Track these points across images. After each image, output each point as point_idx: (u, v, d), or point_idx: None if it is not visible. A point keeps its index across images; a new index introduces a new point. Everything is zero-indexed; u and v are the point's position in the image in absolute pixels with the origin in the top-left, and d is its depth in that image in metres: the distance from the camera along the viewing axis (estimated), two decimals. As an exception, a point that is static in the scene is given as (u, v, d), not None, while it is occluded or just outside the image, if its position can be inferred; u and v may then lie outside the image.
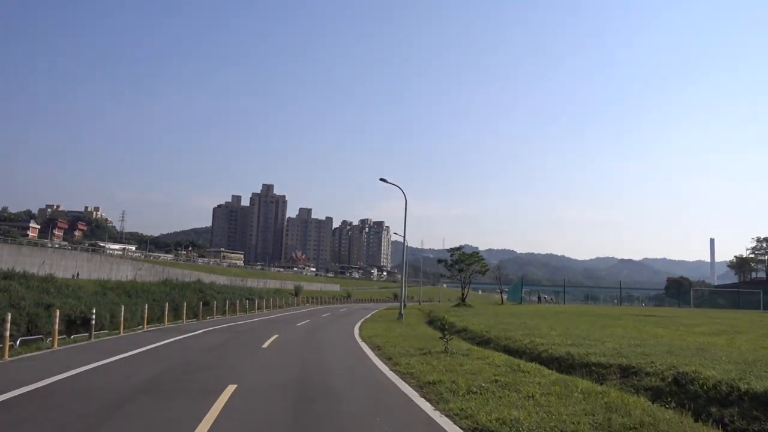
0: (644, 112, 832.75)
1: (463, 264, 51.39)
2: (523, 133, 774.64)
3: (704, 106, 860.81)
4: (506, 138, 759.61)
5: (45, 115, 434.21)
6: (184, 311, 31.06)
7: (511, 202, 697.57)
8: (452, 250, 53.23)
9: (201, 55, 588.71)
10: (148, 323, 26.46)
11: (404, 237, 31.03)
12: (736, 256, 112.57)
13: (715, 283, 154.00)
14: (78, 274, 53.18)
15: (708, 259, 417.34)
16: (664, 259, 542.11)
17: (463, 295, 50.29)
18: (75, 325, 30.24)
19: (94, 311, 21.99)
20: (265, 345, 16.45)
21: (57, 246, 78.21)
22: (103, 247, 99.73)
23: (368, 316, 38.10)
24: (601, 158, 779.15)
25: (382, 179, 30.19)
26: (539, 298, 68.02)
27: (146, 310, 26.51)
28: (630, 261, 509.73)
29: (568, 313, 31.30)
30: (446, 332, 12.70)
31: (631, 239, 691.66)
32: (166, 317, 27.75)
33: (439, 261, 57.24)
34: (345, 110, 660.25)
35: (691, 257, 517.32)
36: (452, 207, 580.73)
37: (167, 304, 28.85)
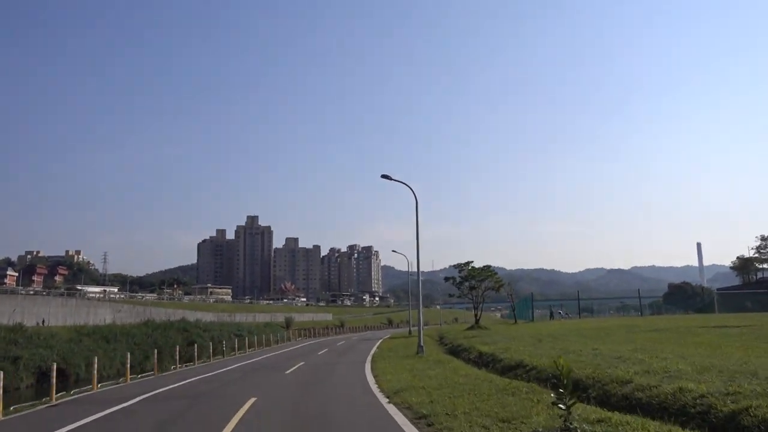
0: (625, 119, 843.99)
1: (474, 280, 46.31)
2: (501, 148, 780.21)
3: (685, 110, 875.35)
4: (484, 153, 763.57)
5: (20, 161, 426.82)
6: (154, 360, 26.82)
7: (496, 218, 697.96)
8: (460, 266, 47.91)
9: (178, 90, 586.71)
10: (123, 372, 23.21)
11: (417, 246, 25.30)
12: (738, 257, 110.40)
13: (704, 287, 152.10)
14: (44, 321, 49.17)
15: (695, 264, 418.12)
16: (653, 266, 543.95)
17: (476, 316, 45.69)
18: (47, 377, 28.55)
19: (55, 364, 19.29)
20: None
21: (32, 292, 74.23)
22: (80, 290, 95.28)
23: (375, 350, 32.38)
24: (580, 168, 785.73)
25: (385, 176, 25.45)
26: (551, 314, 64.30)
27: (127, 357, 23.53)
28: (619, 270, 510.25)
29: (608, 329, 26.77)
30: (565, 393, 6.16)
31: (619, 249, 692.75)
32: (127, 372, 22.16)
33: (447, 279, 51.74)
34: (327, 137, 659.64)
35: (678, 263, 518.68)
36: (437, 227, 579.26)
37: (128, 354, 23.98)
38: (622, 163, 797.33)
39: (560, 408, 6.08)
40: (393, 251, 73.83)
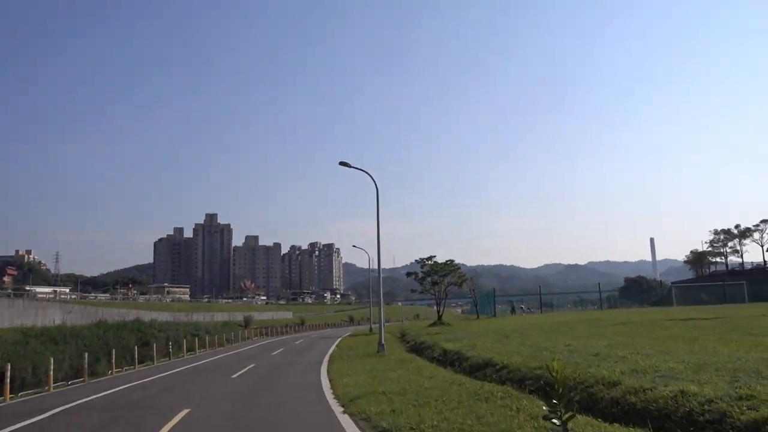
0: (584, 120, 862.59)
1: (436, 275, 44.81)
2: (462, 146, 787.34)
3: (639, 110, 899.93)
4: (445, 151, 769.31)
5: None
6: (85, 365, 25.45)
7: (455, 215, 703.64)
8: (423, 261, 46.41)
9: (138, 86, 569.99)
10: (76, 375, 22.99)
11: (378, 235, 23.76)
12: (692, 251, 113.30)
13: (659, 281, 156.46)
14: (-15, 324, 46.39)
15: (649, 259, 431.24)
16: (608, 261, 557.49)
17: (439, 312, 44.68)
18: None
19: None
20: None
21: (-26, 293, 70.42)
22: (29, 290, 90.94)
23: (333, 349, 30.48)
24: (539, 166, 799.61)
25: (343, 163, 23.93)
26: (513, 309, 63.95)
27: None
28: (576, 266, 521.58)
29: (572, 324, 25.87)
30: (560, 405, 4.89)
31: (576, 245, 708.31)
32: (50, 379, 20.39)
33: (408, 274, 50.29)
34: (287, 132, 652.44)
35: (632, 258, 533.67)
36: (397, 224, 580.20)
37: (51, 360, 22.23)
38: (579, 162, 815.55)
39: (554, 423, 4.82)
40: (354, 246, 72.98)
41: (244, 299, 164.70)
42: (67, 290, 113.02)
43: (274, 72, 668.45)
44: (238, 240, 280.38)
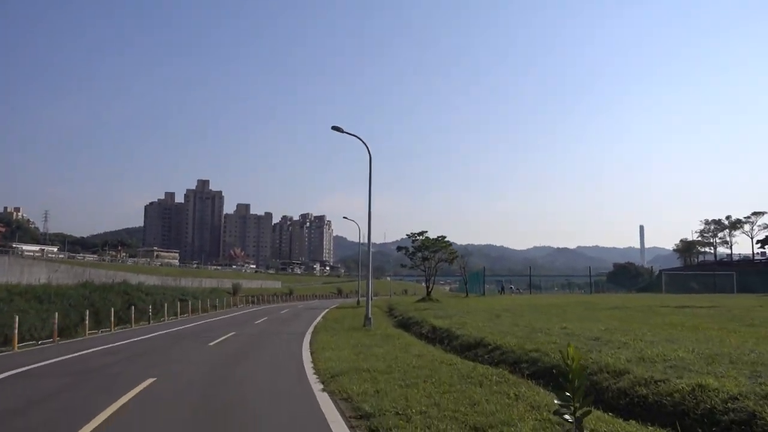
0: (581, 107, 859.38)
1: (427, 251, 44.17)
2: (457, 125, 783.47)
3: (630, 96, 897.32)
4: (440, 130, 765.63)
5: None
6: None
7: (447, 193, 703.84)
8: (414, 236, 45.32)
9: (133, 48, 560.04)
10: (60, 333, 21.91)
11: (369, 203, 22.47)
12: (681, 240, 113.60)
13: (646, 267, 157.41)
14: (-32, 279, 45.64)
15: (637, 246, 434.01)
16: (597, 246, 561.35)
17: (428, 288, 44.07)
18: None
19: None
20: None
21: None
22: (15, 248, 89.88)
23: (318, 320, 29.31)
24: (532, 149, 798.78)
25: (335, 128, 22.77)
26: (502, 289, 63.64)
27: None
28: (566, 249, 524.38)
29: (564, 306, 25.16)
30: (575, 398, 3.92)
31: (566, 229, 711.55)
32: (15, 339, 18.84)
33: (399, 248, 48.82)
34: (283, 102, 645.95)
35: (621, 244, 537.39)
36: (389, 199, 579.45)
37: (16, 318, 20.41)
38: (574, 147, 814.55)
39: (565, 419, 4.10)
40: (344, 218, 72.13)
41: (234, 267, 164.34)
42: (55, 249, 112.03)
43: (273, 37, 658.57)
44: (229, 207, 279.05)
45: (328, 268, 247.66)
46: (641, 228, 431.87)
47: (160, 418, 7.64)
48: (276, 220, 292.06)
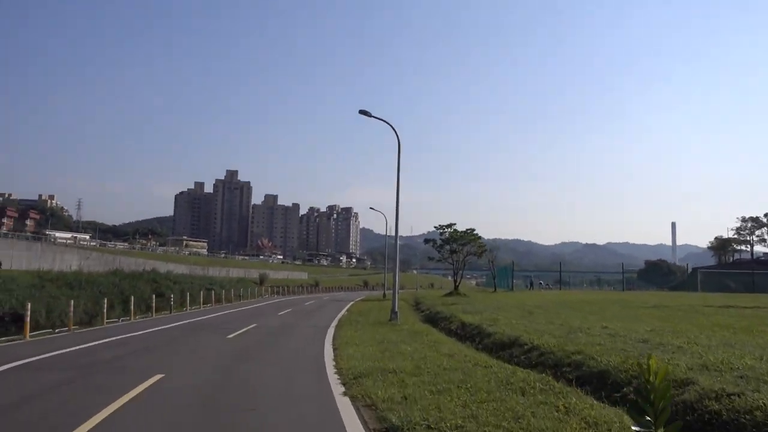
0: (611, 97, 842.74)
1: (456, 244, 42.60)
2: (485, 119, 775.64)
3: (665, 90, 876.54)
4: (468, 122, 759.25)
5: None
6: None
7: (474, 186, 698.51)
8: (442, 228, 43.95)
9: (162, 38, 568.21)
10: (87, 321, 21.98)
11: (397, 194, 22.09)
12: (716, 238, 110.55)
13: (679, 265, 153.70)
14: (0, 264, 46.39)
15: (668, 243, 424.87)
16: (627, 243, 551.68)
17: (456, 281, 43.06)
18: (3, 322, 27.19)
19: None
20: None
21: (-3, 234, 70.99)
22: (48, 235, 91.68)
23: (343, 313, 28.32)
24: (562, 141, 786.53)
25: (363, 112, 21.90)
26: (531, 284, 62.24)
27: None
28: (594, 245, 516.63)
29: (598, 303, 23.96)
30: (658, 423, 2.61)
31: (595, 224, 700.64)
32: (26, 327, 18.69)
33: (427, 241, 47.27)
34: (310, 94, 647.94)
35: (651, 241, 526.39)
36: (416, 192, 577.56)
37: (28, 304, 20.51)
38: (605, 141, 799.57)
39: None
40: (371, 209, 71.45)
41: (261, 257, 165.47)
42: (87, 237, 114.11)
43: (300, 27, 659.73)
44: (257, 198, 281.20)
45: (354, 260, 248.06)
46: (673, 225, 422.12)
47: (158, 423, 6.86)
48: (303, 211, 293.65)
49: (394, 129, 21.85)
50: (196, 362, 12.04)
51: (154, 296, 32.98)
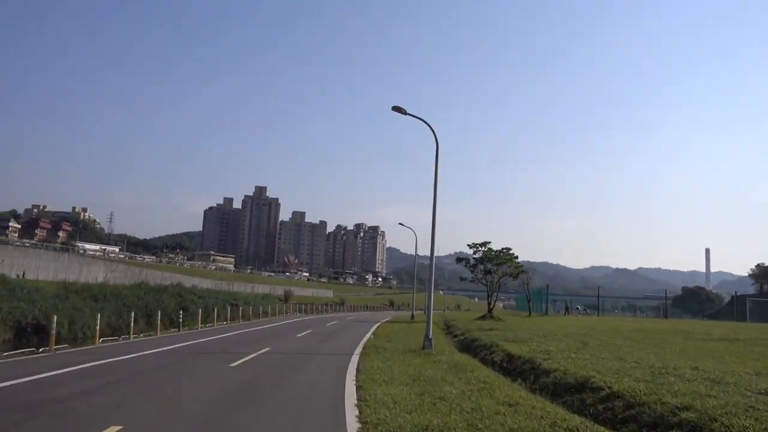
0: (637, 120, 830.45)
1: (490, 264, 40.09)
2: (512, 138, 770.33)
3: (697, 113, 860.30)
4: (496, 142, 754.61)
5: (36, 116, 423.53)
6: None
7: (504, 208, 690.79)
8: (476, 246, 41.33)
9: (194, 58, 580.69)
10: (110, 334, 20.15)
11: (434, 204, 19.87)
12: (758, 265, 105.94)
13: (716, 293, 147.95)
14: (24, 274, 45.74)
15: (702, 269, 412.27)
16: (659, 268, 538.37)
17: (490, 304, 40.61)
18: (26, 333, 25.79)
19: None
20: None
21: (27, 244, 71.16)
22: (76, 246, 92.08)
23: (369, 337, 25.31)
24: (595, 165, 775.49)
25: (397, 108, 19.80)
26: (567, 309, 59.24)
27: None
28: (625, 270, 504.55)
29: (653, 332, 21.19)
30: None
31: (626, 249, 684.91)
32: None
33: (459, 260, 44.37)
34: (340, 112, 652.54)
35: (684, 267, 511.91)
36: (442, 212, 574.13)
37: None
38: (637, 163, 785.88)
39: None
40: (400, 224, 68.70)
41: (287, 274, 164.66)
42: (117, 249, 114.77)
43: (339, 53, 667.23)
44: (285, 215, 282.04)
45: (380, 279, 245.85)
46: (707, 251, 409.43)
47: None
48: (330, 228, 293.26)
49: (431, 128, 19.83)
50: (175, 406, 9.14)
51: (181, 312, 31.48)
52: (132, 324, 23.22)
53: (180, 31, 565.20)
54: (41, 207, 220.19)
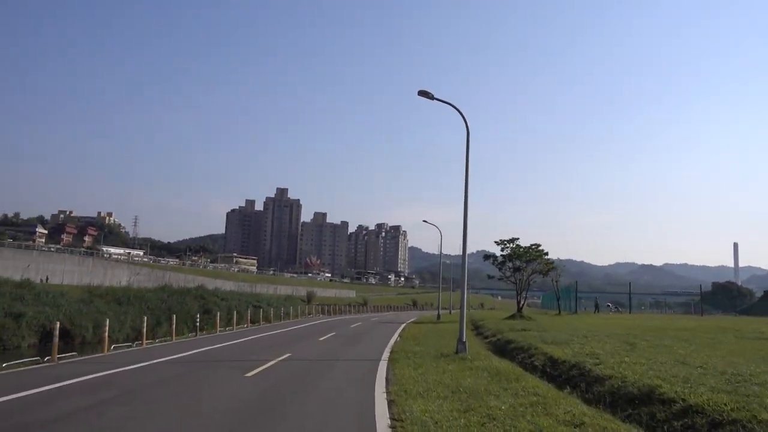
0: (662, 116, 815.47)
1: (519, 261, 38.65)
2: (531, 136, 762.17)
3: (725, 108, 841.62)
4: (520, 142, 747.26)
5: (59, 120, 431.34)
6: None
7: (525, 206, 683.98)
8: (504, 243, 39.88)
9: (213, 59, 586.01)
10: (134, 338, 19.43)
11: (465, 196, 18.63)
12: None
13: (748, 289, 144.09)
14: (47, 278, 45.71)
15: (730, 264, 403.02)
16: (685, 264, 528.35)
17: (519, 303, 39.17)
18: (50, 337, 26.18)
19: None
20: None
21: (53, 249, 71.57)
22: (101, 250, 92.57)
23: (395, 340, 23.72)
24: (619, 159, 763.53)
25: (423, 92, 18.43)
26: (597, 306, 57.27)
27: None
28: (651, 266, 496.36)
29: (703, 331, 19.95)
30: None
31: (651, 244, 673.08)
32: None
33: (486, 257, 42.52)
34: (360, 112, 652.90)
35: (711, 262, 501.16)
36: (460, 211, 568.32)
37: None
38: (662, 161, 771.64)
39: None
40: (424, 221, 66.51)
41: (309, 275, 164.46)
42: (141, 253, 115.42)
43: (358, 55, 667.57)
44: (306, 216, 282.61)
45: (402, 278, 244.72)
46: (735, 246, 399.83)
47: None
48: (352, 229, 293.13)
49: (460, 112, 18.51)
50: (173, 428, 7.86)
51: (198, 315, 30.59)
52: (144, 330, 22.10)
53: (198, 34, 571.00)
54: (68, 212, 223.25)
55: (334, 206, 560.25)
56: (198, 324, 27.66)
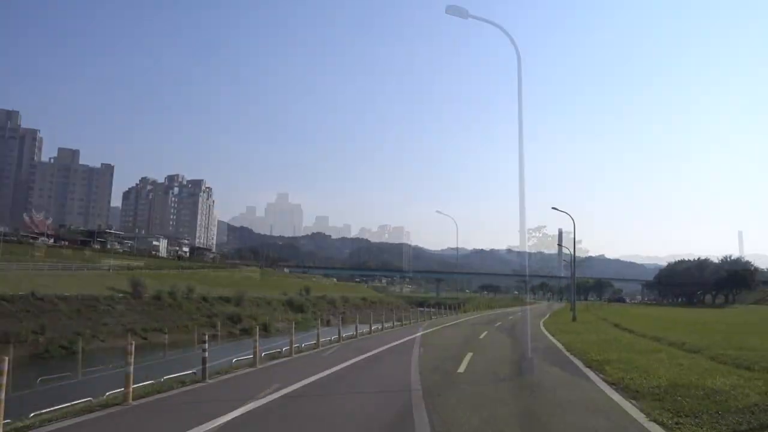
0: (664, 105, 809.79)
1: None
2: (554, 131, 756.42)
3: (725, 92, 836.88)
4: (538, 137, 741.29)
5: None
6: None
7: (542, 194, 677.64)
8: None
9: (209, 63, 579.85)
10: None
11: (520, 125, 13.43)
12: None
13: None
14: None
15: (736, 254, 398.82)
16: (690, 255, 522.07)
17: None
18: None
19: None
20: None
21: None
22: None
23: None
24: (619, 153, 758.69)
25: (452, 9, 13.89)
26: (617, 299, 52.68)
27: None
28: (656, 258, 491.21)
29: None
30: None
31: (654, 236, 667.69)
32: None
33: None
34: (364, 113, 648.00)
35: (717, 252, 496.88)
36: (489, 208, 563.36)
37: None
38: (652, 151, 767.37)
39: None
40: (437, 212, 61.07)
41: (314, 279, 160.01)
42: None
43: (359, 54, 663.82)
44: (308, 220, 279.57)
45: (407, 279, 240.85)
46: (740, 234, 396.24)
47: None
48: (354, 233, 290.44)
49: (507, 33, 13.89)
50: None
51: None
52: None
53: (209, 44, 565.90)
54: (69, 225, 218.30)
55: (334, 209, 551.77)
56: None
